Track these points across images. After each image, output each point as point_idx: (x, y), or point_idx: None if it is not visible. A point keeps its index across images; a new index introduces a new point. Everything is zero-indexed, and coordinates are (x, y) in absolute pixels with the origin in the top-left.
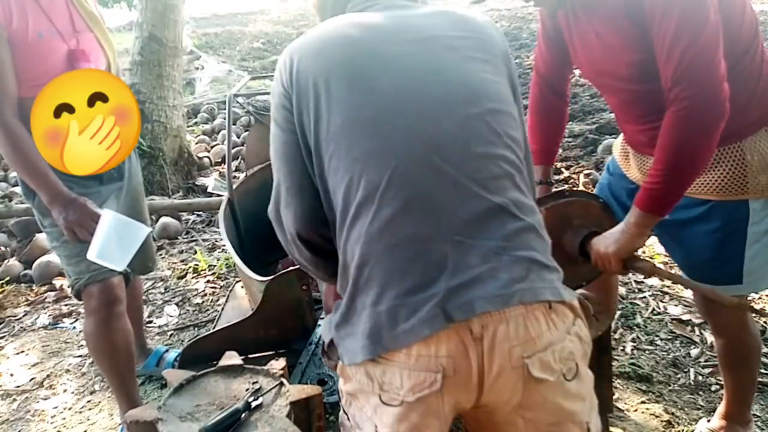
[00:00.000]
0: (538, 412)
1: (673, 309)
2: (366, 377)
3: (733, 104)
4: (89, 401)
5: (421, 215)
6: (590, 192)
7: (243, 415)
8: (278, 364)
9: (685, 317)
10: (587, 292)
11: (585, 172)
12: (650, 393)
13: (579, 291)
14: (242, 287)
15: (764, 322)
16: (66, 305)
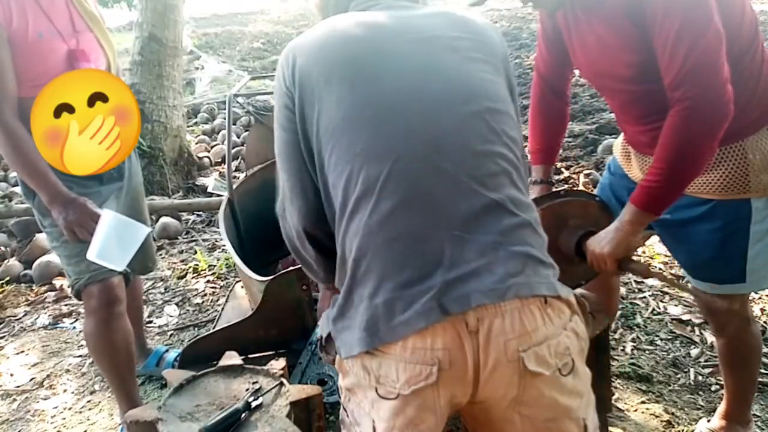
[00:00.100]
0: (535, 408)
1: (673, 309)
2: (363, 370)
3: (734, 104)
4: (89, 401)
5: (420, 210)
6: (588, 191)
7: (243, 415)
8: (278, 364)
9: (685, 317)
10: (585, 292)
11: (585, 172)
12: (650, 393)
13: (578, 290)
14: (242, 287)
15: (764, 322)
16: (66, 305)
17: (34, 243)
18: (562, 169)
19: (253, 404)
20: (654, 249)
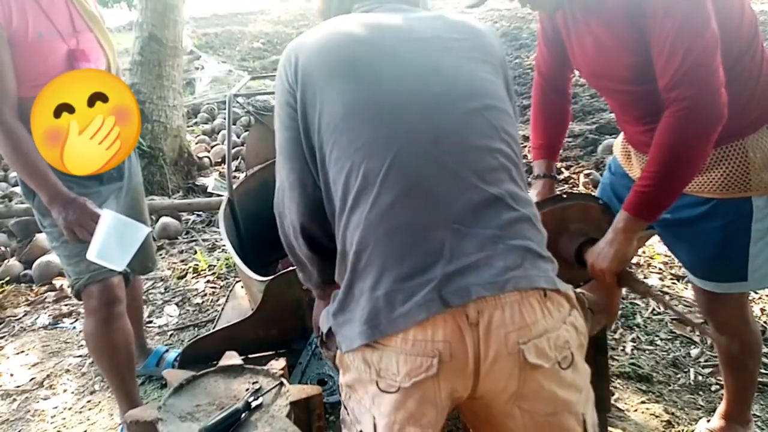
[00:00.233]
0: (535, 402)
1: None
2: (363, 364)
3: (734, 104)
4: (89, 401)
5: (420, 203)
6: (590, 194)
7: (243, 415)
8: (278, 364)
9: None
10: (585, 292)
11: (585, 172)
12: (650, 393)
13: (578, 289)
14: (242, 287)
15: (764, 322)
16: (66, 305)
17: (34, 243)
18: (562, 169)
19: (253, 404)
20: (654, 249)
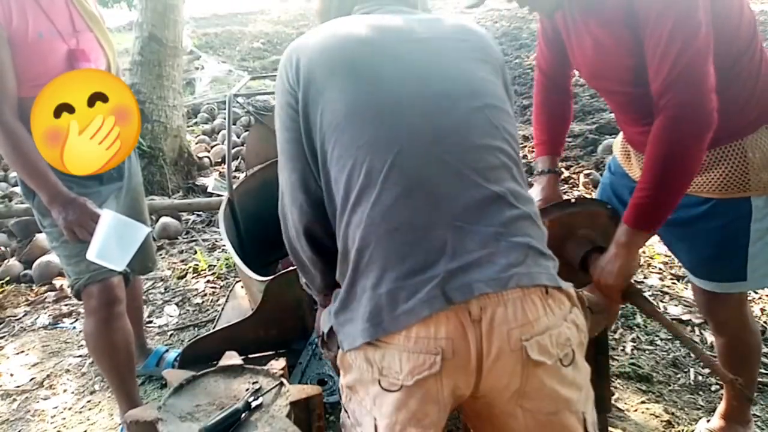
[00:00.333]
0: (537, 401)
1: (673, 309)
2: (366, 362)
3: (733, 104)
4: (89, 401)
5: (422, 201)
6: (599, 200)
7: (243, 415)
8: (278, 364)
9: (685, 317)
10: (586, 292)
11: (585, 172)
12: (650, 393)
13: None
14: (242, 287)
15: (764, 322)
16: (66, 305)
17: (34, 243)
18: (562, 169)
19: (253, 404)
20: (654, 249)
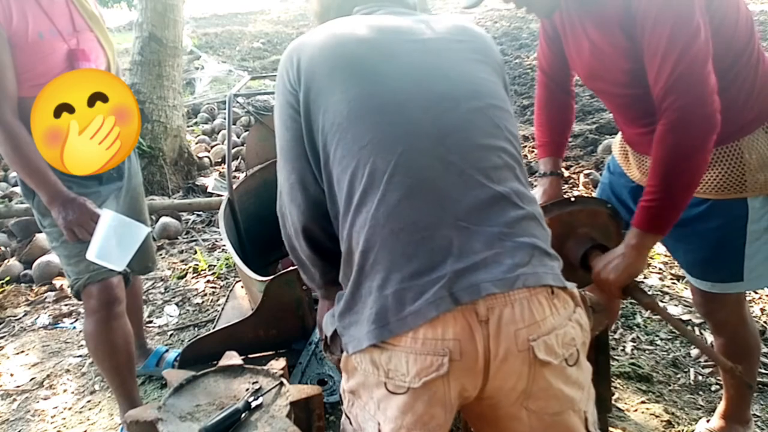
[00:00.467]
0: (542, 401)
1: (673, 309)
2: (371, 365)
3: (731, 105)
4: (89, 401)
5: (426, 201)
6: (599, 198)
7: (243, 415)
8: (278, 364)
9: (685, 317)
10: (587, 292)
11: (585, 172)
12: (650, 393)
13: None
14: (242, 287)
15: (764, 322)
16: (66, 305)
17: (34, 243)
18: (563, 169)
19: (253, 404)
20: (654, 249)
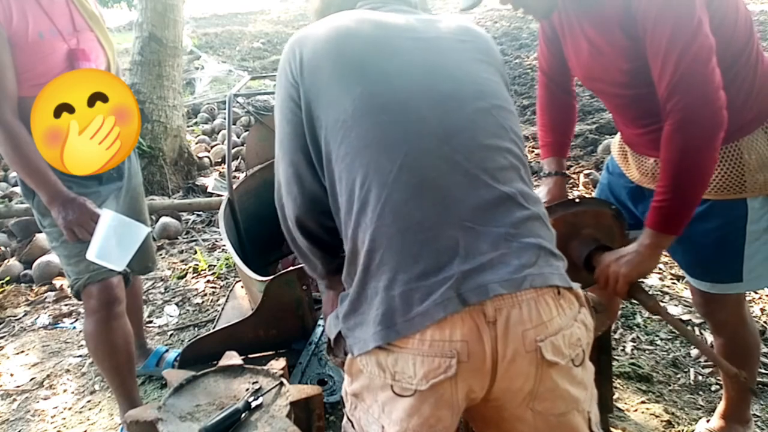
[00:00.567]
0: (549, 402)
1: (673, 309)
2: (377, 367)
3: (731, 104)
4: (89, 401)
5: (432, 201)
6: (603, 200)
7: (243, 415)
8: (278, 364)
9: (685, 317)
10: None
11: (585, 172)
12: (650, 393)
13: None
14: (242, 287)
15: (764, 322)
16: (66, 305)
17: (34, 243)
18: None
19: (253, 404)
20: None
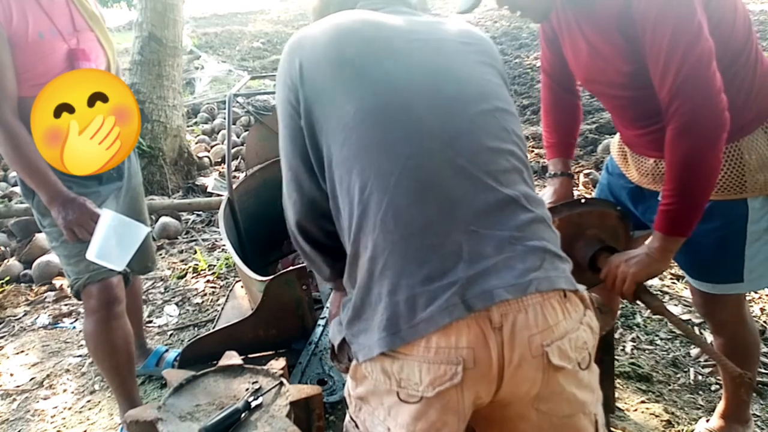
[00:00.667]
0: (554, 404)
1: (673, 309)
2: (382, 374)
3: (730, 105)
4: (89, 401)
5: (435, 205)
6: (608, 200)
7: (243, 415)
8: (278, 364)
9: (685, 317)
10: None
11: (585, 172)
12: (650, 393)
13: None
14: (242, 287)
15: (764, 322)
16: (66, 305)
17: (34, 243)
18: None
19: (253, 404)
20: None
